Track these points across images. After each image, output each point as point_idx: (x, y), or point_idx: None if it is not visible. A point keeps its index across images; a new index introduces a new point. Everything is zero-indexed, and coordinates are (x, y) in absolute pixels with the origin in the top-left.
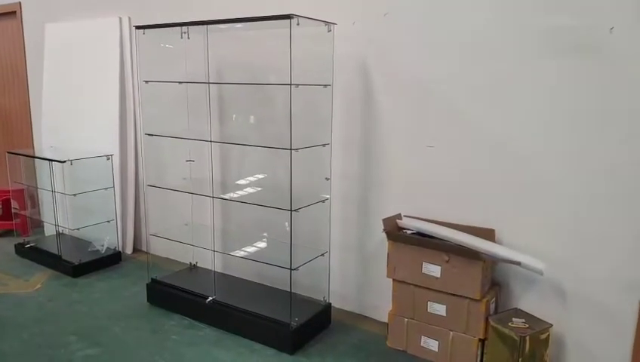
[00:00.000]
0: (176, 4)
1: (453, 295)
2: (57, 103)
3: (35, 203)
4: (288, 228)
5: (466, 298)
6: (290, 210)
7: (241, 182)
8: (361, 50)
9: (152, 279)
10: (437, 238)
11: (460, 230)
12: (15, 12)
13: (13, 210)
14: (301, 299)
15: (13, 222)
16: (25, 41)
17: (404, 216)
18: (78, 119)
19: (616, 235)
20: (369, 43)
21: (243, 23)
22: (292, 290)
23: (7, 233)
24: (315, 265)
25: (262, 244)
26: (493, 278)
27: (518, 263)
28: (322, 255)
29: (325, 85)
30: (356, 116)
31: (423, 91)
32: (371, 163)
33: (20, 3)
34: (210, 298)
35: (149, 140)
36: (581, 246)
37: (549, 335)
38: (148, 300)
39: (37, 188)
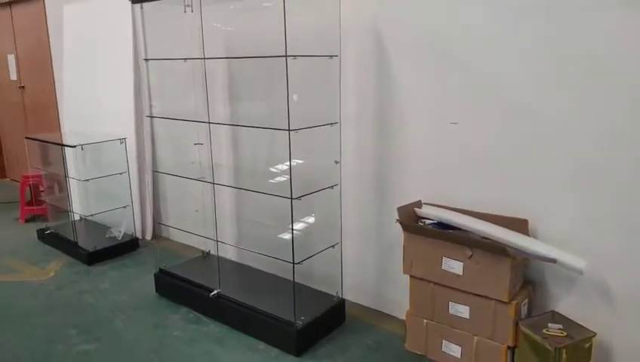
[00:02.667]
0: None
1: (478, 295)
2: (77, 86)
3: (62, 188)
4: (304, 216)
5: (492, 299)
6: (291, 198)
7: (254, 165)
8: (371, 12)
9: (159, 269)
10: (459, 229)
11: (488, 220)
12: None
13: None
14: (313, 292)
15: (34, 207)
16: (48, 24)
17: (425, 203)
18: (96, 101)
19: None
20: (380, 3)
21: None
22: (305, 283)
23: (36, 218)
24: (330, 255)
25: (275, 232)
26: (527, 276)
27: (554, 261)
28: (332, 246)
29: (331, 56)
30: (370, 90)
31: (443, 57)
32: (389, 143)
33: None
34: (215, 291)
35: (160, 122)
36: (633, 241)
37: (591, 345)
38: (156, 291)
39: (50, 173)
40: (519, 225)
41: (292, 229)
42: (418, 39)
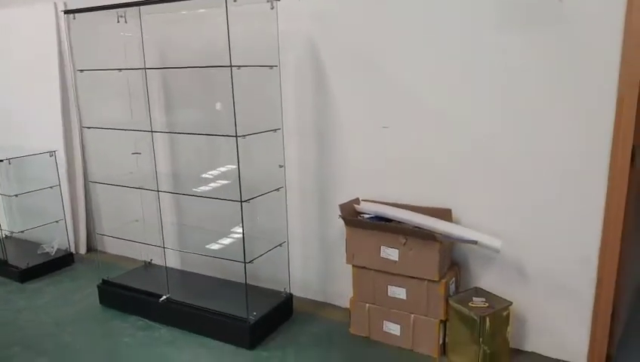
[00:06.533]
0: None
1: (412, 277)
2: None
3: None
4: (249, 220)
5: (425, 279)
6: (241, 201)
7: (193, 173)
8: (308, 27)
9: (103, 280)
10: (394, 221)
11: (418, 211)
12: None
13: None
14: (261, 291)
15: None
16: None
17: (362, 200)
18: (22, 114)
19: (567, 214)
20: (316, 20)
21: (186, 3)
22: (252, 283)
23: None
24: (276, 255)
25: (218, 238)
26: (453, 258)
27: (475, 242)
28: (280, 245)
29: (271, 66)
30: (308, 99)
31: (374, 70)
32: (327, 147)
33: None
34: (164, 296)
35: (92, 133)
36: (537, 225)
37: (509, 313)
38: (100, 302)
39: None
40: (444, 215)
41: (242, 230)
42: (348, 51)
